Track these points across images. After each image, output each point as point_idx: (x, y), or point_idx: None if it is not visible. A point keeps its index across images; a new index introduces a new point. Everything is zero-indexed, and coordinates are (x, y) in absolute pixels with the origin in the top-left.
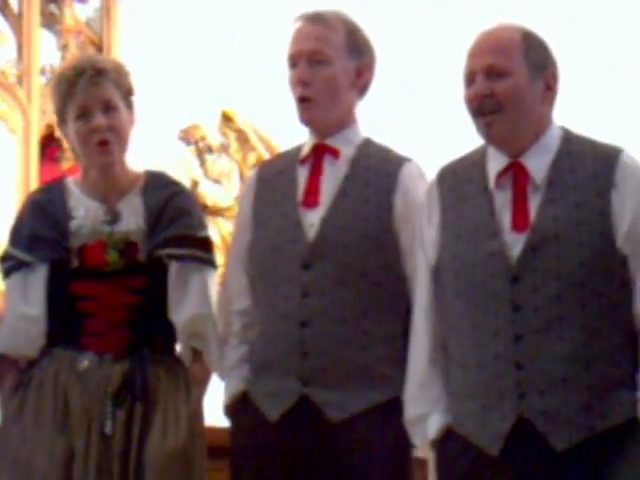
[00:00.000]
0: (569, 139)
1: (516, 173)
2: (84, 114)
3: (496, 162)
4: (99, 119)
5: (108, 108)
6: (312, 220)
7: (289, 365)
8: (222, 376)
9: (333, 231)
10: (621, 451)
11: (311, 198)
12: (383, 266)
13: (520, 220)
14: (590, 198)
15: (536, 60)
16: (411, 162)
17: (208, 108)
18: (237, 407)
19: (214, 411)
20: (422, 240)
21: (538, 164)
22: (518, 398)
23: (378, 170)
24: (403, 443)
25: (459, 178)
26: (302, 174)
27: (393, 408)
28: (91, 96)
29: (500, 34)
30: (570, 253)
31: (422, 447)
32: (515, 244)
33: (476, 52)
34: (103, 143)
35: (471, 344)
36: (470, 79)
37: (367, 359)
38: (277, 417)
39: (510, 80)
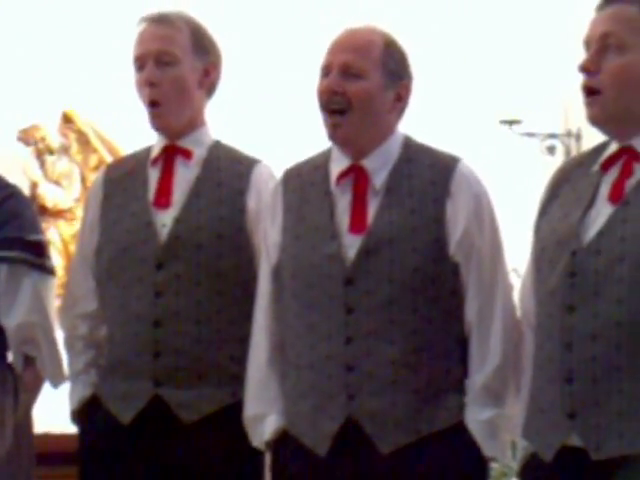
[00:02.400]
0: (409, 146)
1: (356, 176)
2: None
3: (338, 164)
4: None
5: None
6: (164, 220)
7: (141, 366)
8: (57, 383)
9: (186, 231)
10: (447, 455)
11: (163, 198)
12: (236, 266)
13: (357, 223)
14: (426, 205)
15: (393, 69)
16: (262, 163)
17: (48, 109)
18: (85, 412)
19: (59, 417)
20: (266, 241)
21: (378, 168)
22: (347, 399)
23: (230, 171)
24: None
25: (302, 180)
26: (153, 175)
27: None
28: None
29: (363, 35)
30: (404, 258)
31: (260, 448)
32: (351, 247)
33: (336, 47)
34: None
35: (305, 345)
36: (326, 72)
37: (220, 359)
38: (129, 419)
39: (363, 82)
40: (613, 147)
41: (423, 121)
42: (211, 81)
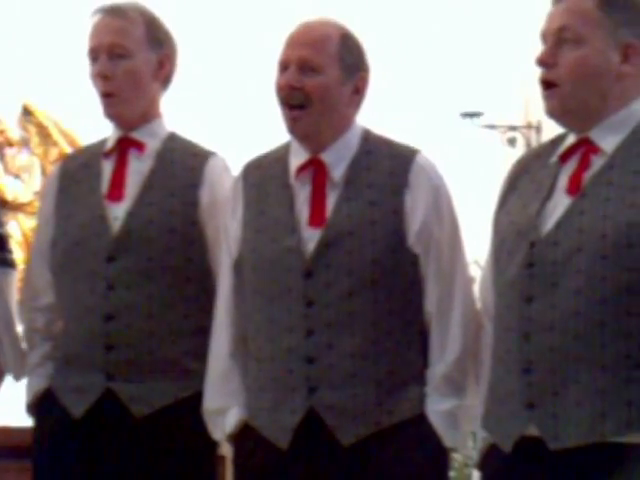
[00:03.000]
0: (368, 139)
1: (315, 169)
2: None
3: (297, 158)
4: None
5: None
6: (117, 213)
7: (93, 359)
8: (18, 377)
9: (138, 224)
10: (408, 446)
11: (116, 191)
12: (189, 260)
13: (316, 216)
14: (384, 197)
15: (350, 62)
16: (216, 156)
17: (8, 101)
18: (40, 405)
19: (18, 411)
20: (226, 234)
21: (337, 161)
22: (308, 392)
23: (184, 164)
24: (208, 439)
25: (263, 173)
26: (107, 168)
27: (198, 403)
28: None
29: (320, 29)
30: (363, 250)
31: (222, 441)
32: (311, 240)
33: (293, 42)
34: None
35: (266, 338)
36: (284, 67)
37: (173, 353)
38: (81, 413)
39: (321, 77)
40: (571, 139)
41: (385, 114)
42: (165, 73)
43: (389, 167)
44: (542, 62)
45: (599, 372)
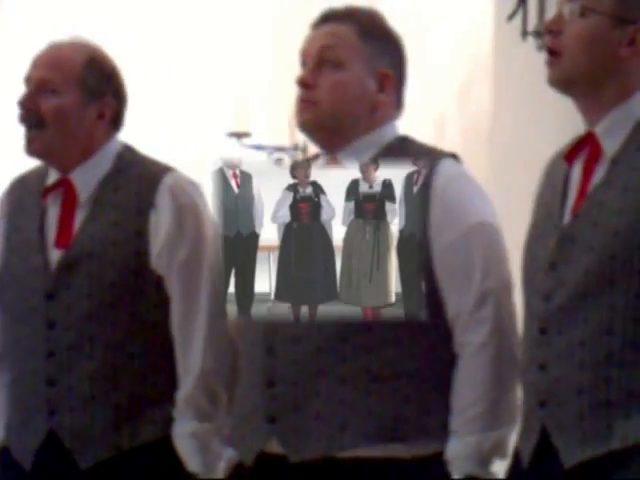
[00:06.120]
0: (123, 158)
1: (65, 190)
2: None
3: (52, 177)
4: None
5: None
6: None
7: None
8: None
9: None
10: (149, 469)
11: None
12: None
13: (63, 237)
14: (128, 218)
15: (93, 85)
16: None
17: None
18: None
19: None
20: None
21: (86, 182)
22: (49, 414)
23: None
24: None
25: (24, 189)
26: None
27: None
28: None
29: (64, 51)
30: (102, 272)
31: None
32: (55, 261)
33: (36, 62)
34: None
35: (13, 359)
36: (25, 85)
37: None
38: None
39: (57, 99)
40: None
41: (150, 132)
42: None
43: (137, 187)
44: (302, 83)
45: (339, 385)
